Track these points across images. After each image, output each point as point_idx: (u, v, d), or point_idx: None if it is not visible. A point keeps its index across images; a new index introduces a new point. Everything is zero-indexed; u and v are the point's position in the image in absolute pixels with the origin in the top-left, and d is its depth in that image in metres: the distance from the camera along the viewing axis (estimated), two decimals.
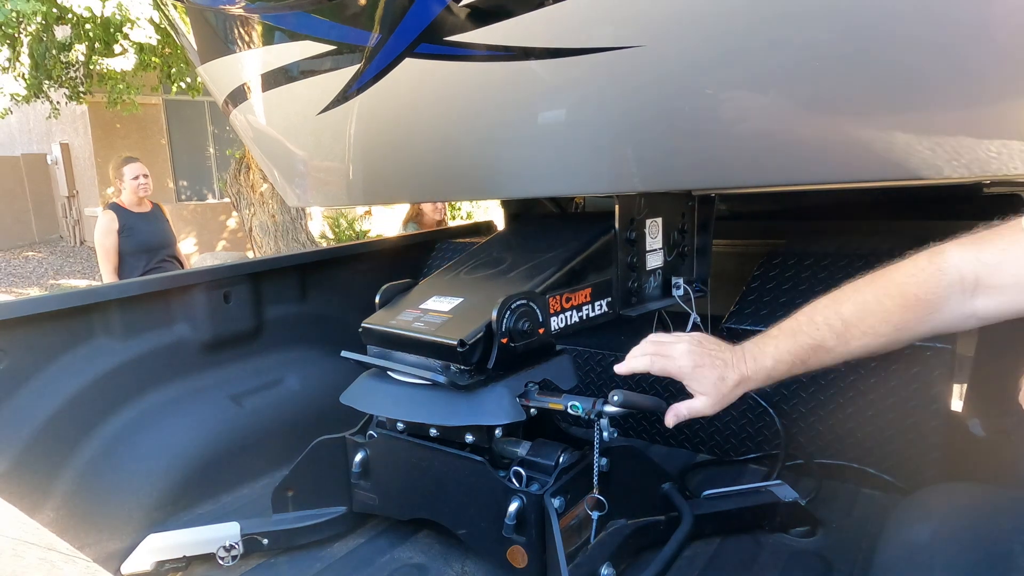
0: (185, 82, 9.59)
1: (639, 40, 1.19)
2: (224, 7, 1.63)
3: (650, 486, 1.48)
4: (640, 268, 1.67)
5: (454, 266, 1.74)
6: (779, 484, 1.53)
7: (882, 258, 1.10)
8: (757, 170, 1.38)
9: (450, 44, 1.33)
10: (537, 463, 1.34)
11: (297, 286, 2.22)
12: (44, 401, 1.59)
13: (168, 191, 13.19)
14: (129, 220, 4.53)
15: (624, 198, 1.60)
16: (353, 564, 1.46)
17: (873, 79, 1.12)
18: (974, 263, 0.98)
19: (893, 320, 1.03)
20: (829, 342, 1.08)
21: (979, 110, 1.12)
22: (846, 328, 1.07)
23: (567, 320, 1.49)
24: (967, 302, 0.99)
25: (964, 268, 0.98)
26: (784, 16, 1.09)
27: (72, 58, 8.90)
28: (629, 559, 1.38)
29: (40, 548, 0.75)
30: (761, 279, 1.87)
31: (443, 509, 1.42)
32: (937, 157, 1.22)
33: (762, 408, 1.74)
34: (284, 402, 2.02)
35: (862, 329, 1.06)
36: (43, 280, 12.00)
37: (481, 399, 1.33)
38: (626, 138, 1.42)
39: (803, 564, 1.38)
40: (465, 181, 1.76)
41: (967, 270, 0.98)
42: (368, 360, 1.49)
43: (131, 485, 1.65)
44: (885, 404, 1.59)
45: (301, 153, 1.99)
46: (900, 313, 1.03)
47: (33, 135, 15.74)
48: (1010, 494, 1.10)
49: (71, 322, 1.68)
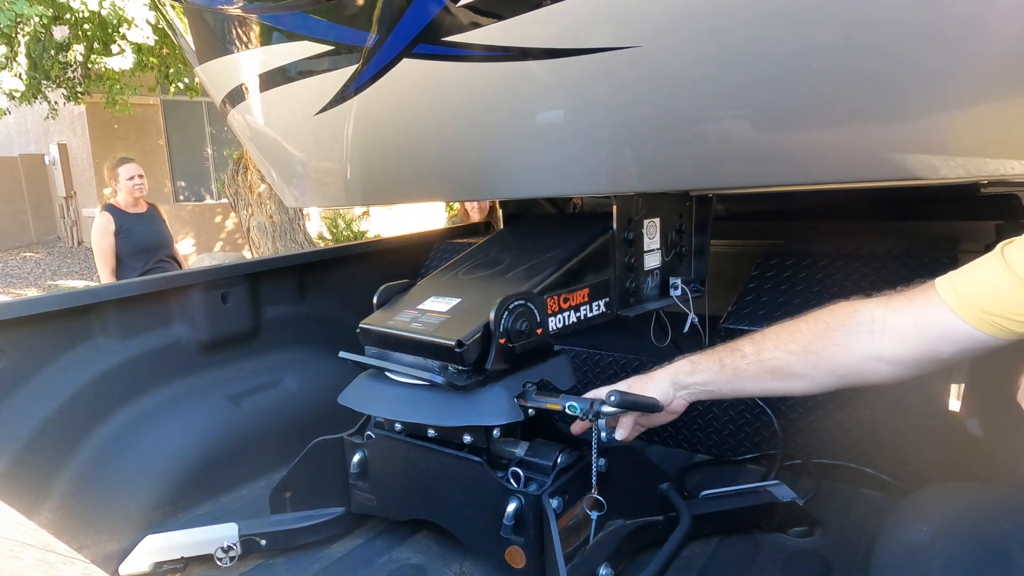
0: (183, 82, 9.58)
1: (637, 40, 1.19)
2: (222, 7, 1.63)
3: (648, 486, 1.48)
4: (638, 268, 1.67)
5: (452, 266, 1.73)
6: (777, 484, 1.54)
7: (879, 258, 1.10)
8: (754, 170, 1.38)
9: (448, 44, 1.33)
10: (535, 463, 1.34)
11: (295, 287, 2.22)
12: (42, 402, 1.59)
13: (166, 192, 13.18)
14: (125, 221, 4.53)
15: (622, 198, 1.61)
16: (351, 565, 1.46)
17: (870, 79, 1.12)
18: (883, 308, 1.08)
19: (802, 340, 1.14)
20: (746, 347, 1.21)
21: (976, 110, 1.13)
22: (764, 339, 1.20)
23: (565, 320, 1.49)
24: (875, 343, 1.07)
25: (875, 312, 1.08)
26: (781, 16, 1.09)
27: (70, 58, 8.89)
28: (627, 559, 1.38)
29: (38, 549, 0.75)
30: (759, 279, 1.87)
31: (441, 510, 1.42)
32: (934, 157, 1.22)
33: (760, 408, 1.74)
34: (282, 403, 2.02)
35: (774, 342, 1.18)
36: (41, 281, 11.98)
37: (479, 400, 1.33)
38: (624, 138, 1.42)
39: (801, 564, 1.38)
40: (463, 181, 1.76)
41: (877, 314, 1.08)
42: (366, 361, 1.49)
43: (129, 486, 1.64)
44: (883, 404, 1.60)
45: (299, 154, 1.98)
46: (810, 335, 1.13)
47: (31, 135, 15.72)
48: (1008, 494, 1.10)
49: (69, 323, 1.67)
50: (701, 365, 1.26)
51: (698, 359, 1.27)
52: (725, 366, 1.23)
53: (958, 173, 1.23)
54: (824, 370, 1.12)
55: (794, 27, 1.10)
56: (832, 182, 1.58)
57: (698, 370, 1.26)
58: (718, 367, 1.23)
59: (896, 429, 1.58)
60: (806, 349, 1.13)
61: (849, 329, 1.09)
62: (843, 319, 1.10)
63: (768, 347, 1.18)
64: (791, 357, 1.14)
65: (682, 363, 1.29)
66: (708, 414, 1.85)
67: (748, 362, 1.20)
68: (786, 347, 1.15)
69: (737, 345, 1.23)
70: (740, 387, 1.24)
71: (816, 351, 1.12)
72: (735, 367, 1.21)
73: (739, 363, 1.21)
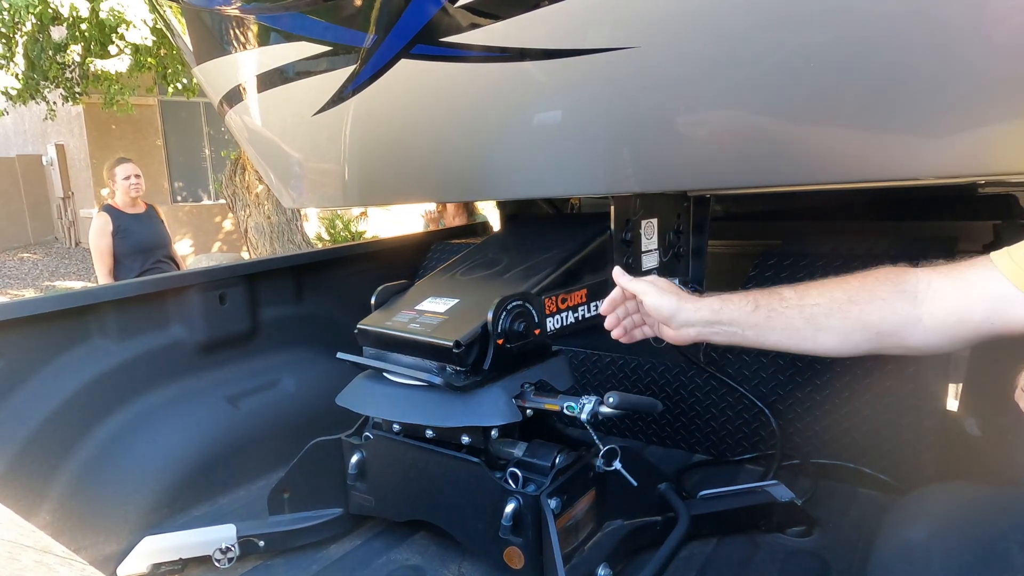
0: (181, 83, 9.56)
1: (634, 41, 1.19)
2: (220, 8, 1.63)
3: (647, 487, 1.48)
4: (636, 269, 1.67)
5: (450, 267, 1.73)
6: (775, 484, 1.54)
7: (877, 258, 1.11)
8: (752, 171, 1.38)
9: (446, 45, 1.33)
10: (533, 464, 1.34)
11: (293, 287, 2.22)
12: (40, 403, 1.59)
13: (164, 192, 13.17)
14: (123, 222, 4.52)
15: (620, 199, 1.61)
16: (350, 566, 1.46)
17: (868, 79, 1.12)
18: (931, 271, 1.07)
19: (849, 290, 1.12)
20: (787, 292, 1.18)
21: (974, 110, 1.13)
22: (807, 288, 1.17)
23: (563, 321, 1.49)
24: (917, 304, 1.06)
25: (921, 274, 1.08)
26: (779, 16, 1.09)
27: (68, 59, 8.87)
28: (626, 560, 1.38)
29: (36, 551, 0.75)
30: (757, 280, 1.87)
31: (439, 510, 1.42)
32: (932, 157, 1.22)
33: (758, 408, 1.74)
34: (280, 404, 2.01)
35: (819, 290, 1.15)
36: (38, 282, 11.97)
37: (477, 400, 1.33)
38: (622, 139, 1.42)
39: (800, 564, 1.38)
40: (461, 182, 1.76)
41: (923, 276, 1.07)
42: (364, 361, 1.49)
43: (127, 487, 1.64)
44: (881, 404, 1.60)
45: (297, 154, 1.98)
46: (857, 286, 1.12)
47: (29, 136, 15.70)
48: (1006, 493, 1.10)
49: (67, 324, 1.67)
50: (732, 303, 1.20)
51: (730, 296, 1.22)
52: (759, 307, 1.18)
53: (955, 173, 1.24)
54: (862, 324, 1.10)
55: (792, 27, 1.10)
56: (830, 182, 1.58)
57: (727, 308, 1.21)
58: (751, 308, 1.18)
59: (894, 429, 1.59)
60: (851, 299, 1.10)
61: (895, 286, 1.08)
62: (892, 277, 1.09)
63: (812, 293, 1.15)
64: (833, 305, 1.12)
65: (712, 299, 1.23)
66: (706, 414, 1.85)
67: (787, 305, 1.16)
68: (830, 294, 1.13)
69: (777, 289, 1.19)
70: (766, 335, 1.19)
71: (860, 302, 1.10)
72: (770, 308, 1.17)
73: (776, 305, 1.17)
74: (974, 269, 1.02)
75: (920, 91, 1.12)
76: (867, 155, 1.25)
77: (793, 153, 1.31)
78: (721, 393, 1.82)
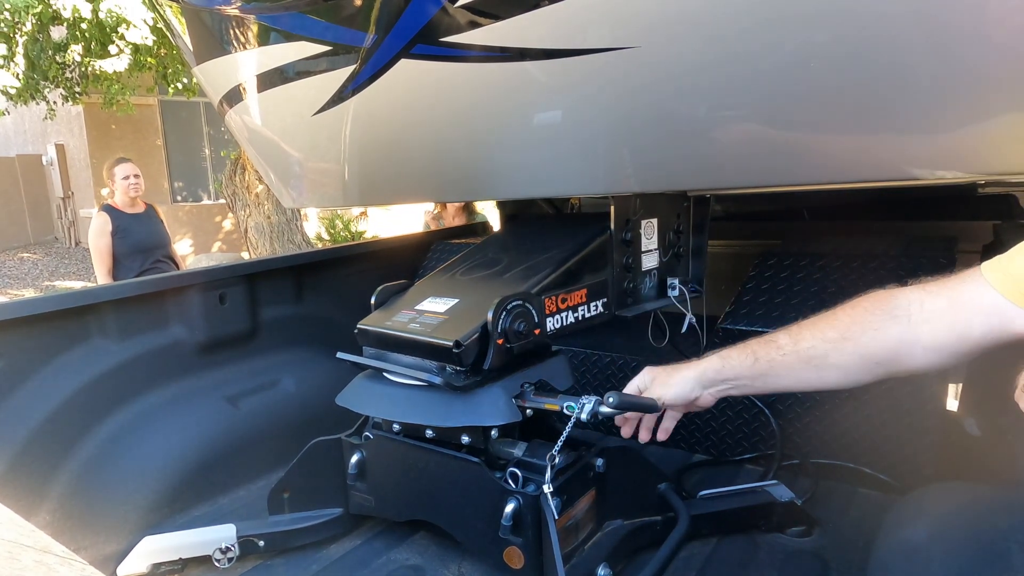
0: (181, 83, 9.56)
1: (634, 41, 1.19)
2: (220, 7, 1.63)
3: (646, 486, 1.48)
4: (636, 269, 1.67)
5: (450, 267, 1.73)
6: (775, 484, 1.54)
7: (877, 258, 1.10)
8: (752, 171, 1.38)
9: (446, 45, 1.33)
10: (533, 464, 1.34)
11: (293, 287, 2.22)
12: (40, 403, 1.59)
13: (164, 192, 13.17)
14: (123, 221, 4.53)
15: (620, 199, 1.61)
16: (349, 566, 1.46)
17: (868, 80, 1.12)
18: (920, 291, 1.07)
19: (839, 327, 1.12)
20: (782, 339, 1.19)
21: (973, 110, 1.13)
22: (800, 329, 1.18)
23: (563, 321, 1.49)
24: (912, 328, 1.05)
25: (912, 295, 1.07)
26: (779, 16, 1.09)
27: (68, 59, 8.87)
28: (626, 559, 1.38)
29: (36, 551, 0.75)
30: (756, 279, 1.87)
31: (439, 510, 1.42)
32: (931, 157, 1.22)
33: (758, 408, 1.74)
34: (280, 404, 2.01)
35: (811, 331, 1.16)
36: (38, 282, 11.97)
37: (477, 400, 1.33)
38: (622, 139, 1.42)
39: (800, 564, 1.38)
40: (461, 182, 1.76)
41: (914, 297, 1.07)
42: (364, 361, 1.49)
43: (127, 487, 1.64)
44: (881, 404, 1.60)
45: (297, 154, 1.98)
46: (847, 321, 1.12)
47: (29, 136, 15.70)
48: (1006, 493, 1.10)
49: (67, 324, 1.67)
50: (732, 360, 1.23)
51: (728, 353, 1.24)
52: (759, 359, 1.19)
53: (955, 174, 1.24)
54: (860, 357, 1.10)
55: (792, 27, 1.10)
56: (830, 182, 1.59)
57: (729, 365, 1.23)
58: (751, 360, 1.20)
59: (894, 429, 1.59)
60: (843, 336, 1.11)
61: (886, 313, 1.07)
62: (880, 304, 1.09)
63: (805, 336, 1.15)
64: (828, 345, 1.12)
65: (712, 359, 1.25)
66: (706, 414, 1.85)
67: (784, 353, 1.17)
68: (823, 335, 1.13)
69: (772, 337, 1.20)
70: (773, 381, 1.21)
71: (853, 338, 1.10)
72: (770, 360, 1.18)
73: (774, 355, 1.18)
74: (966, 286, 1.01)
75: (920, 91, 1.12)
76: (867, 155, 1.25)
77: (793, 153, 1.31)
78: None
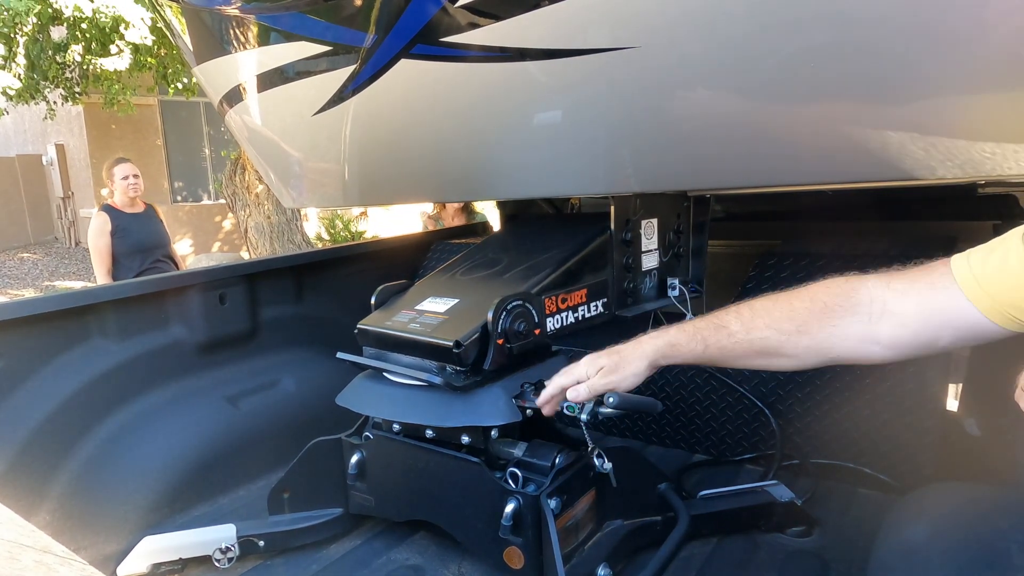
0: (181, 83, 9.56)
1: (634, 41, 1.19)
2: (220, 7, 1.63)
3: (647, 487, 1.48)
4: (636, 269, 1.67)
5: (450, 267, 1.73)
6: (775, 484, 1.54)
7: (876, 258, 1.10)
8: (752, 171, 1.38)
9: (446, 45, 1.33)
10: (533, 464, 1.34)
11: (293, 287, 2.22)
12: (40, 403, 1.59)
13: (163, 192, 13.16)
14: (122, 221, 4.52)
15: (620, 199, 1.61)
16: (349, 566, 1.46)
17: (868, 80, 1.12)
18: (884, 289, 1.02)
19: (796, 319, 1.08)
20: (733, 325, 1.15)
21: (973, 110, 1.13)
22: (753, 316, 1.13)
23: (563, 321, 1.49)
24: (872, 326, 1.03)
25: (875, 292, 1.03)
26: (778, 16, 1.09)
27: (68, 59, 8.87)
28: (626, 559, 1.38)
29: (36, 551, 0.75)
30: (756, 280, 1.87)
31: (439, 510, 1.42)
32: (931, 157, 1.22)
33: (758, 408, 1.74)
34: (280, 404, 2.01)
35: (765, 320, 1.11)
36: (38, 282, 11.96)
37: (477, 400, 1.33)
38: (622, 139, 1.42)
39: (799, 564, 1.38)
40: (461, 182, 1.76)
41: (876, 295, 1.03)
42: (364, 361, 1.49)
43: (127, 487, 1.64)
44: (881, 404, 1.60)
45: (297, 154, 1.98)
46: (805, 314, 1.08)
47: (29, 136, 15.69)
48: (1006, 493, 1.10)
49: (66, 324, 1.67)
50: (681, 348, 1.19)
51: (677, 339, 1.19)
52: (709, 346, 1.16)
53: (955, 173, 1.24)
54: (816, 351, 1.08)
55: (791, 27, 1.10)
56: (830, 182, 1.59)
57: (677, 353, 1.19)
58: (701, 348, 1.17)
59: (894, 429, 1.59)
60: (800, 330, 1.07)
61: (847, 310, 1.04)
62: (841, 299, 1.05)
63: (759, 325, 1.11)
64: (783, 337, 1.09)
65: (657, 343, 1.21)
66: (706, 414, 1.85)
67: (735, 341, 1.14)
68: (779, 326, 1.09)
69: (722, 321, 1.16)
70: (720, 364, 1.20)
71: (810, 332, 1.07)
72: (720, 347, 1.16)
73: (725, 342, 1.15)
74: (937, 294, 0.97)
75: (920, 91, 1.12)
76: (867, 155, 1.25)
77: (793, 153, 1.31)
78: (721, 393, 1.82)
